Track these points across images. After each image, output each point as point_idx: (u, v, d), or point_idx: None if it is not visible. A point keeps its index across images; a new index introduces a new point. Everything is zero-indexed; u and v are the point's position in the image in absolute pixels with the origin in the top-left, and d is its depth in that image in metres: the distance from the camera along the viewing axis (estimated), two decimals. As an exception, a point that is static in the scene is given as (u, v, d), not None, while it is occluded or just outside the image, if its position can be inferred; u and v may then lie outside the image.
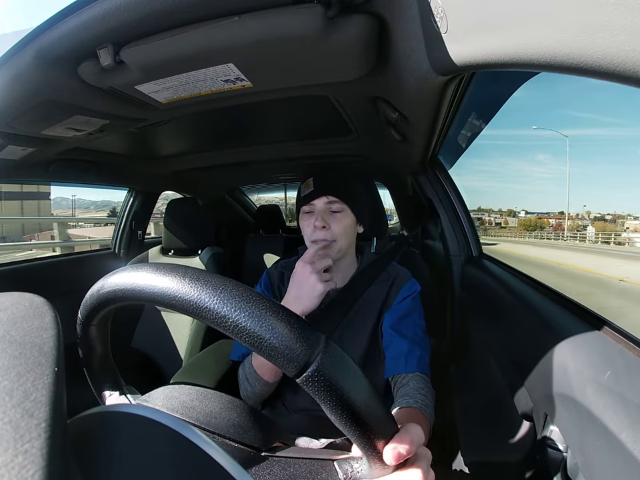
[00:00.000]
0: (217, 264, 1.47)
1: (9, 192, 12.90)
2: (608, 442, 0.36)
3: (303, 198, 0.85)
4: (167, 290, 0.28)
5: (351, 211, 0.85)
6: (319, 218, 0.81)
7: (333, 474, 0.33)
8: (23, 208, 12.37)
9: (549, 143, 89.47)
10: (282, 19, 0.46)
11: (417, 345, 0.77)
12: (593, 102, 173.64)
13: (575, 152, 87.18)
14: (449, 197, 1.21)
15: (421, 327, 0.82)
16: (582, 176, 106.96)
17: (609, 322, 0.50)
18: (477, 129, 1.02)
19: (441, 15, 0.38)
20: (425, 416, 0.64)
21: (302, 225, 0.86)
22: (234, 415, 0.37)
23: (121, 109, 0.75)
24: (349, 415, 0.27)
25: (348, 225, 0.84)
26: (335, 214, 0.83)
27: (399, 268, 0.92)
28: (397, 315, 0.81)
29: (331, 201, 0.83)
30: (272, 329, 0.26)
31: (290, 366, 0.26)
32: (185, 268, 0.29)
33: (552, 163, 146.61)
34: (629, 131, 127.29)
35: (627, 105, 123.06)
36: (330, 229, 0.81)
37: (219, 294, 0.27)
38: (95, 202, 21.95)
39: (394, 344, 0.78)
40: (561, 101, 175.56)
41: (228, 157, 1.46)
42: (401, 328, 0.80)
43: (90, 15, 0.46)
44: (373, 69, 0.60)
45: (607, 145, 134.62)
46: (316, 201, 0.83)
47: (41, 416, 0.17)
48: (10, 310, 0.24)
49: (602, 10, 0.21)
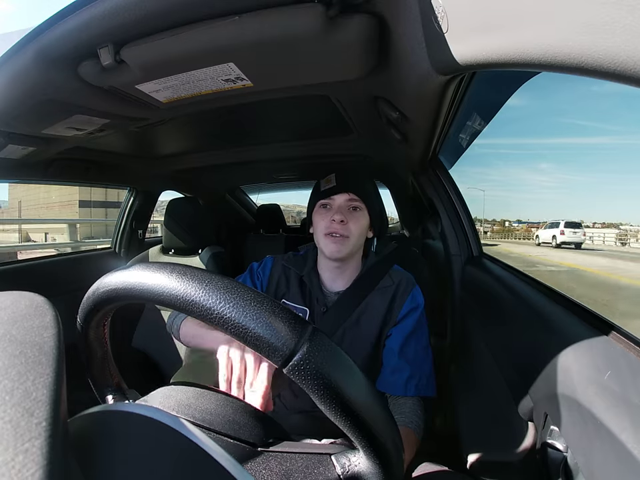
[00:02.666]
0: (217, 263, 1.47)
1: (96, 201, 14.57)
2: (608, 442, 0.36)
3: (323, 192, 0.84)
4: (155, 287, 0.28)
5: (367, 212, 0.85)
6: (339, 212, 0.81)
7: (330, 468, 0.33)
8: (107, 215, 13.56)
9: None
10: (282, 18, 0.46)
11: (418, 367, 0.79)
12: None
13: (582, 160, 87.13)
14: (449, 196, 1.20)
15: (423, 344, 0.83)
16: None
17: (611, 322, 0.50)
18: (478, 128, 1.01)
19: (442, 15, 0.38)
20: (416, 437, 0.69)
21: (316, 219, 0.86)
22: (229, 411, 0.37)
23: (122, 108, 0.75)
24: (339, 405, 0.27)
25: (363, 226, 0.84)
26: (353, 212, 0.83)
27: (403, 273, 0.90)
28: (402, 335, 0.81)
29: (352, 199, 0.83)
30: (256, 319, 0.26)
31: (276, 355, 0.26)
32: (173, 265, 0.30)
33: (555, 172, 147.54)
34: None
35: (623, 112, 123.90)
36: (347, 224, 0.81)
37: (204, 287, 0.27)
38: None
39: (396, 365, 0.79)
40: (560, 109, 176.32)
41: (228, 157, 1.46)
42: (406, 351, 0.80)
43: (90, 14, 0.46)
44: (373, 68, 0.60)
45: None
46: (337, 196, 0.83)
47: (41, 415, 0.17)
48: (10, 309, 0.24)
49: (603, 9, 0.21)
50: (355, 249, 0.84)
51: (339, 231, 0.80)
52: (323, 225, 0.82)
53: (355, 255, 0.86)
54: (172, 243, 1.52)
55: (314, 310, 0.86)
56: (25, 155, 0.99)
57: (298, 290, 0.88)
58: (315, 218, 0.87)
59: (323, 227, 0.82)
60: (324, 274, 0.89)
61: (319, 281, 0.89)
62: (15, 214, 8.70)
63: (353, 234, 0.81)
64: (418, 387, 0.77)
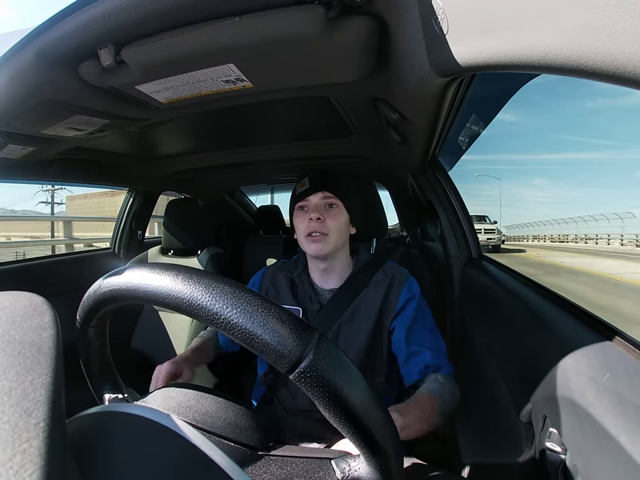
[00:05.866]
0: (216, 264, 1.47)
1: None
2: (607, 444, 0.36)
3: (299, 195, 0.87)
4: (161, 289, 0.28)
5: (345, 208, 0.86)
6: (315, 211, 0.83)
7: (331, 472, 0.33)
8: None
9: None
10: (283, 19, 0.46)
11: (428, 349, 0.79)
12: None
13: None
14: (448, 198, 1.21)
15: (428, 327, 0.83)
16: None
17: (609, 324, 0.50)
18: (477, 130, 1.02)
19: (442, 16, 0.39)
20: (428, 395, 0.69)
21: (296, 222, 0.87)
22: (230, 414, 0.37)
23: (122, 108, 0.75)
24: (343, 412, 0.27)
25: (342, 222, 0.85)
26: (329, 209, 0.85)
27: (396, 267, 0.92)
28: (406, 325, 0.82)
29: (326, 197, 0.85)
30: (263, 325, 0.26)
31: (282, 362, 0.26)
32: (179, 267, 0.29)
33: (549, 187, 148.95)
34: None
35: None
36: (325, 221, 0.82)
37: (211, 291, 0.27)
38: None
39: (407, 355, 0.80)
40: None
41: (228, 158, 1.46)
42: (411, 338, 0.81)
43: (91, 14, 0.46)
44: (373, 70, 0.61)
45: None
46: (311, 197, 0.85)
47: (40, 415, 0.17)
48: (9, 309, 0.24)
49: (603, 12, 0.21)
50: (337, 246, 0.85)
51: (318, 229, 0.82)
52: (303, 227, 0.84)
53: (339, 251, 0.88)
54: (171, 244, 1.52)
55: (307, 308, 0.87)
56: (24, 155, 0.99)
57: (289, 292, 0.90)
58: (295, 222, 0.88)
59: (303, 228, 0.84)
60: (315, 274, 0.91)
61: (310, 281, 0.90)
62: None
63: (332, 230, 0.83)
64: (437, 365, 0.77)
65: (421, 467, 0.66)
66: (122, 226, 1.81)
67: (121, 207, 1.86)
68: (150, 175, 1.67)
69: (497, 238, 15.20)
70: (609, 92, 77.41)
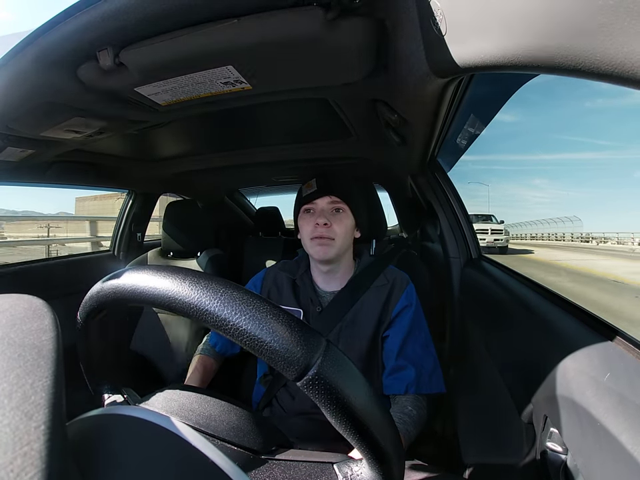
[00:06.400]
0: (216, 266, 1.47)
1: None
2: (608, 444, 0.36)
3: (305, 197, 0.86)
4: (167, 292, 0.28)
5: (351, 212, 0.86)
6: (322, 215, 0.82)
7: (333, 477, 0.33)
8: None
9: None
10: (281, 21, 0.47)
11: (417, 366, 0.79)
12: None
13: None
14: (447, 199, 1.21)
15: (421, 342, 0.83)
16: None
17: (609, 324, 0.50)
18: (476, 130, 1.02)
19: (440, 17, 0.39)
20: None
21: (301, 224, 0.87)
22: (233, 417, 0.37)
23: (121, 111, 0.75)
24: (349, 419, 0.27)
25: (348, 227, 0.85)
26: (336, 214, 0.85)
27: (397, 272, 0.92)
28: (400, 337, 0.82)
29: (334, 201, 0.85)
30: (272, 332, 0.26)
31: (290, 369, 0.26)
32: (186, 270, 0.29)
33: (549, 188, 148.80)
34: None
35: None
36: (331, 226, 0.82)
37: (220, 297, 0.26)
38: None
39: (395, 367, 0.80)
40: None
41: (228, 160, 1.46)
42: (404, 351, 0.81)
43: (90, 17, 0.46)
44: (372, 71, 0.61)
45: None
46: (318, 200, 0.85)
47: (40, 418, 0.17)
48: (9, 312, 0.23)
49: (601, 12, 0.21)
50: (342, 250, 0.85)
51: (324, 234, 0.82)
52: (308, 229, 0.84)
53: (343, 255, 0.88)
54: (171, 246, 1.52)
55: (309, 310, 0.86)
56: (23, 158, 0.98)
57: (291, 293, 0.89)
58: (300, 223, 0.88)
59: (309, 231, 0.84)
60: (317, 276, 0.91)
61: (312, 283, 0.90)
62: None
63: (338, 235, 0.83)
64: (418, 384, 0.77)
65: (422, 467, 0.66)
66: (121, 228, 1.80)
67: (120, 209, 1.85)
68: (149, 177, 1.66)
69: (505, 239, 14.29)
70: (607, 92, 78.34)
